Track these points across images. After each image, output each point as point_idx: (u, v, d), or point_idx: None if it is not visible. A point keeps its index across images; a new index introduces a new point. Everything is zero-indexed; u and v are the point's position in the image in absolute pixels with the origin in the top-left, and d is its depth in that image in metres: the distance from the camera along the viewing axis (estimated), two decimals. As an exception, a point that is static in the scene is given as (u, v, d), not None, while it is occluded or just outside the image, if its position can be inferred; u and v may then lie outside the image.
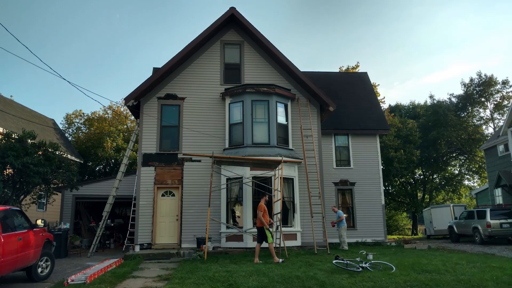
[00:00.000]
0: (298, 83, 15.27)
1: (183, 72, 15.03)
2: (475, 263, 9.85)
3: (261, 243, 10.66)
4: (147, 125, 14.35)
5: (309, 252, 12.65)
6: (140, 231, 13.48)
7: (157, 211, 13.80)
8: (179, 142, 14.33)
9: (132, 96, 14.01)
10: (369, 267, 8.72)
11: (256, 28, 14.99)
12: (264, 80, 14.94)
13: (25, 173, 12.83)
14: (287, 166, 13.54)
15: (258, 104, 14.12)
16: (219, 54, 15.34)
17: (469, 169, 35.92)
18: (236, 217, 13.85)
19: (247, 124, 13.87)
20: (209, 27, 14.77)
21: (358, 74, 23.72)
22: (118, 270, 9.47)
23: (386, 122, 19.85)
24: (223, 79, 15.12)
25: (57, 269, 10.18)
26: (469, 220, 18.78)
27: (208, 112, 14.66)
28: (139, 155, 14.15)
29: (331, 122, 19.20)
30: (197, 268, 9.32)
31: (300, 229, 13.82)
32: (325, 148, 18.49)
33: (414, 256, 11.55)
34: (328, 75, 23.02)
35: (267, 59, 15.42)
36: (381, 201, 18.46)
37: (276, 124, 14.04)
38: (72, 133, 32.42)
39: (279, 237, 12.10)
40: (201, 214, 13.51)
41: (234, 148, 13.87)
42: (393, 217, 37.97)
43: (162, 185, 13.94)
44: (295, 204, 13.88)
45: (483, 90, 33.74)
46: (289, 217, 13.83)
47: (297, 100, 15.14)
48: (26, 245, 7.91)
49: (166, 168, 14.04)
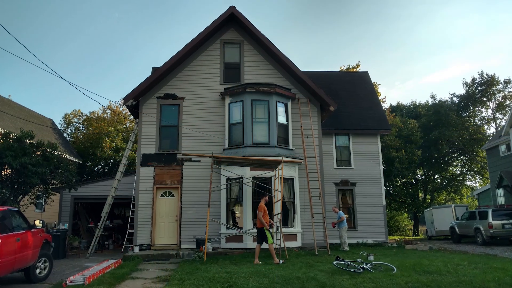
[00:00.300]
0: (298, 82, 15.29)
1: (183, 71, 15.04)
2: (477, 264, 9.85)
3: (261, 244, 10.67)
4: (146, 125, 14.36)
5: (310, 253, 12.66)
6: (139, 232, 13.49)
7: (156, 211, 13.81)
8: (179, 142, 14.34)
9: (131, 96, 14.02)
10: (370, 268, 8.73)
11: (256, 27, 15.01)
12: (264, 80, 14.96)
13: (23, 173, 12.84)
14: (287, 166, 13.55)
15: (258, 103, 14.13)
16: (218, 53, 15.36)
17: (471, 169, 35.95)
18: (236, 217, 13.86)
19: (247, 124, 13.88)
20: (208, 26, 14.80)
21: (358, 74, 23.74)
22: (117, 271, 9.48)
23: (387, 122, 19.87)
24: (223, 79, 15.13)
25: (56, 270, 10.19)
26: (471, 221, 18.80)
27: (208, 112, 14.67)
28: (138, 155, 14.17)
29: (331, 122, 19.21)
30: (197, 269, 9.33)
31: (301, 229, 13.83)
32: (325, 148, 18.49)
33: (415, 257, 11.56)
34: (329, 75, 23.02)
35: (267, 58, 15.43)
36: (382, 202, 18.47)
37: (276, 124, 14.06)
38: (70, 133, 32.45)
39: (279, 238, 12.12)
40: (200, 214, 13.52)
41: (234, 148, 13.88)
42: (394, 218, 38.00)
43: (162, 186, 13.95)
44: (295, 205, 13.90)
45: (485, 89, 33.78)
46: (289, 217, 13.84)
47: (298, 100, 15.16)
48: (24, 246, 7.92)
49: (166, 168, 14.06)
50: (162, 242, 13.59)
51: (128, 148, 15.33)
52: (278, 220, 12.33)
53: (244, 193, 13.19)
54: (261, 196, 11.75)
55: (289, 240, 12.98)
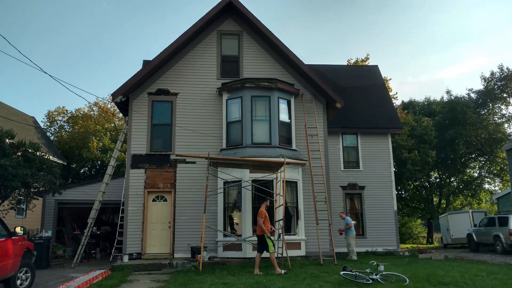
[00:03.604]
0: (302, 77, 15.30)
1: (176, 65, 15.05)
2: (496, 274, 9.85)
3: (261, 253, 10.67)
4: (136, 123, 14.36)
5: (315, 262, 12.66)
6: (129, 240, 13.49)
7: (148, 217, 13.81)
8: (172, 142, 14.34)
9: (120, 92, 14.02)
10: (380, 279, 8.72)
11: (256, 16, 15.02)
12: (264, 74, 14.95)
13: (3, 176, 12.83)
14: (290, 168, 13.55)
15: (259, 100, 14.14)
16: (215, 45, 15.36)
17: (490, 171, 35.92)
18: (234, 224, 13.86)
19: (246, 122, 13.88)
20: (204, 16, 14.81)
21: (368, 68, 23.76)
22: (105, 282, 9.47)
23: (398, 120, 19.87)
24: (220, 73, 15.13)
25: (38, 281, 10.18)
26: (490, 228, 18.79)
27: (204, 109, 14.68)
28: (128, 156, 14.18)
29: (338, 120, 19.16)
30: (192, 280, 9.33)
31: (305, 237, 13.83)
32: (332, 148, 18.40)
33: (429, 267, 11.56)
34: (335, 69, 23.02)
35: (268, 51, 15.44)
36: (394, 207, 18.47)
37: (278, 122, 14.06)
38: (54, 132, 32.46)
39: (281, 246, 12.12)
40: (195, 221, 13.49)
41: (232, 148, 13.88)
42: (406, 224, 38.01)
43: (153, 189, 13.96)
44: (299, 210, 13.90)
45: (505, 85, 33.71)
46: (292, 224, 13.84)
47: (301, 96, 15.16)
48: (4, 255, 7.91)
49: (158, 170, 14.05)
50: (154, 251, 13.59)
51: (116, 149, 15.30)
52: (280, 226, 12.33)
53: (243, 198, 13.20)
54: (262, 201, 11.73)
55: (292, 249, 12.98)
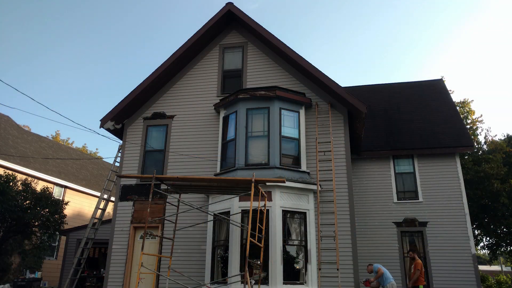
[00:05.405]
0: (316, 84, 12.65)
1: (174, 86, 13.77)
2: None
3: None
4: (128, 151, 13.22)
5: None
6: (109, 284, 11.56)
7: (134, 258, 11.87)
8: (164, 169, 12.65)
9: (109, 117, 12.93)
10: None
11: (260, 24, 13.03)
12: (270, 84, 12.62)
13: None
14: (294, 194, 10.68)
15: (255, 113, 11.82)
16: (217, 60, 13.82)
17: None
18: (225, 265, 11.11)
19: (240, 141, 11.55)
20: (200, 29, 13.37)
21: (429, 82, 20.00)
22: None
23: (468, 137, 15.74)
24: (221, 90, 13.35)
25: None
26: None
27: (201, 130, 12.88)
28: (117, 187, 12.66)
29: (387, 142, 16.01)
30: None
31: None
32: (380, 176, 15.52)
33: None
34: (387, 87, 20.14)
35: (276, 60, 13.32)
36: (471, 249, 13.99)
37: (280, 137, 11.40)
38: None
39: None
40: (184, 262, 11.18)
41: (225, 172, 11.62)
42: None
43: (141, 224, 12.10)
44: (308, 250, 10.63)
45: None
46: (299, 269, 10.55)
47: (316, 107, 12.34)
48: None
49: (147, 202, 12.20)
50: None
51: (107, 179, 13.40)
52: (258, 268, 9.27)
53: (231, 233, 10.52)
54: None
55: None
